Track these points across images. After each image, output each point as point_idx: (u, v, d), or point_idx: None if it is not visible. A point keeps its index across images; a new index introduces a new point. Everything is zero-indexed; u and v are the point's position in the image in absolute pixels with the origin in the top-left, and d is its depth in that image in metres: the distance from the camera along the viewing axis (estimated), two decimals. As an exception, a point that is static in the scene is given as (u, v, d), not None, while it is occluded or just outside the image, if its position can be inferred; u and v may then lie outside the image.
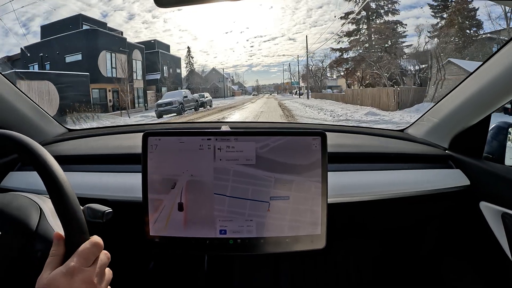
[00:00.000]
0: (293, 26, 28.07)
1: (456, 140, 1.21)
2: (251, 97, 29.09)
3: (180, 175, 0.80)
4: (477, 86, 1.05)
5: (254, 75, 36.70)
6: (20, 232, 0.69)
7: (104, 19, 20.12)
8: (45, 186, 0.64)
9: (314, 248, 0.82)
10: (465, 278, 1.28)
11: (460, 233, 1.28)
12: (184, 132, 0.81)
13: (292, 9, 27.79)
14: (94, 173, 1.14)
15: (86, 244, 0.60)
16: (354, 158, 1.20)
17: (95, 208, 0.75)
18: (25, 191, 0.83)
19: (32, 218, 0.72)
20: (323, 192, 0.81)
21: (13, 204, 0.73)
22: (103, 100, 17.45)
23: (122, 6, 23.24)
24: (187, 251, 0.82)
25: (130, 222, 0.96)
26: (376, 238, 1.37)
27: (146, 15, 24.55)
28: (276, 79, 31.50)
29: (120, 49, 18.42)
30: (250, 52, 31.07)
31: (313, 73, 23.41)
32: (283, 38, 29.33)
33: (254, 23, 34.50)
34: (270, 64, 34.31)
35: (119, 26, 23.18)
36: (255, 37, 30.22)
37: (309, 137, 0.81)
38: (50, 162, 0.66)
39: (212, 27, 33.29)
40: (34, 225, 0.71)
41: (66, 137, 1.41)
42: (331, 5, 25.39)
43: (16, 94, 1.22)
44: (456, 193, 1.14)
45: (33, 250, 0.68)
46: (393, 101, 14.09)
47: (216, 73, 28.45)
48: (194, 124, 2.75)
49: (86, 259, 0.58)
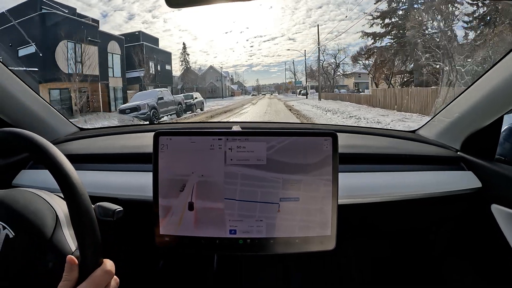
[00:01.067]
0: (293, 26, 28.58)
1: (468, 141, 1.20)
2: (251, 98, 28.28)
3: (191, 175, 0.80)
4: (489, 87, 1.03)
5: (254, 75, 36.70)
6: (34, 239, 0.69)
7: (104, 19, 19.63)
8: (58, 185, 0.65)
9: (324, 249, 0.82)
10: (475, 282, 1.26)
11: (471, 236, 1.26)
12: (195, 132, 0.81)
13: (292, 9, 28.05)
14: (105, 172, 1.16)
15: (98, 271, 0.61)
16: (364, 159, 1.19)
17: (106, 206, 0.76)
18: (36, 189, 0.84)
19: (48, 225, 0.71)
20: (334, 193, 0.80)
21: (30, 208, 0.72)
22: (66, 102, 13.99)
23: (122, 6, 23.22)
24: (197, 250, 0.83)
25: (140, 221, 0.97)
26: (386, 240, 1.36)
27: (146, 15, 24.74)
28: (277, 79, 31.53)
29: (89, 40, 14.76)
30: (250, 52, 31.28)
31: (324, 69, 21.61)
32: (283, 38, 29.55)
33: (254, 23, 35.10)
34: (270, 64, 34.44)
35: (119, 26, 23.25)
36: (255, 37, 30.43)
37: (320, 138, 0.80)
38: (61, 161, 0.66)
39: (212, 27, 33.57)
40: (49, 234, 0.70)
41: (78, 136, 1.43)
42: (331, 5, 25.21)
43: (29, 93, 1.24)
44: (467, 195, 1.12)
45: (45, 260, 0.68)
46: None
47: (214, 71, 27.56)
48: (205, 124, 2.76)
49: (97, 286, 0.59)
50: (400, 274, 1.38)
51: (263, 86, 31.51)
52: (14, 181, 1.17)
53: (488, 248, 1.19)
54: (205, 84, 25.85)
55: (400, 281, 1.37)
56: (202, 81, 25.83)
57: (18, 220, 0.69)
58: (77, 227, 0.65)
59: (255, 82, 31.44)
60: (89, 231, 0.65)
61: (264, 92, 31.30)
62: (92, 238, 0.66)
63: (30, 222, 0.70)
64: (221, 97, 26.99)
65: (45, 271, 0.67)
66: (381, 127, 6.43)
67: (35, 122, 1.27)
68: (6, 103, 1.16)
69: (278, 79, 31.08)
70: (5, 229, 0.67)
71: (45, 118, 1.32)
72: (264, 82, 31.64)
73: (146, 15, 24.72)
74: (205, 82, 26.21)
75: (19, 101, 1.19)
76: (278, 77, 35.30)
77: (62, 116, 1.43)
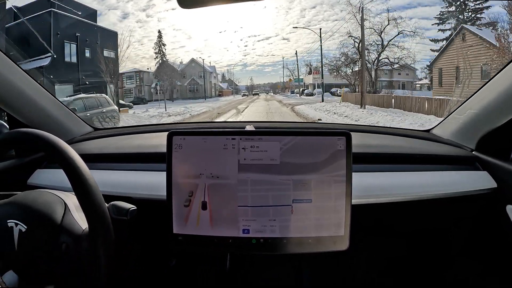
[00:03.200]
0: (287, 26, 28.00)
1: (483, 141, 1.17)
2: (241, 99, 24.73)
3: (204, 174, 0.81)
4: (505, 85, 1.01)
5: (248, 75, 36.05)
6: (45, 226, 0.72)
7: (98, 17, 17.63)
8: (71, 183, 0.67)
9: (337, 250, 0.82)
10: (490, 282, 1.24)
11: (486, 236, 1.24)
12: (209, 132, 0.81)
13: (286, 9, 27.83)
14: (119, 171, 1.17)
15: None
16: (378, 159, 1.18)
17: (120, 205, 0.77)
18: (51, 188, 0.86)
19: (57, 212, 0.74)
20: (347, 193, 0.80)
21: (38, 200, 0.76)
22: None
23: (116, 5, 22.74)
24: (210, 249, 0.83)
25: (153, 219, 0.98)
26: (400, 241, 1.34)
27: (140, 14, 24.01)
28: (271, 79, 30.86)
29: None
30: (244, 51, 30.93)
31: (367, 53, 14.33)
32: (277, 37, 29.56)
33: (248, 23, 34.57)
34: (264, 64, 33.92)
35: (113, 25, 21.92)
36: (249, 36, 30.14)
37: (334, 137, 0.80)
38: (75, 160, 0.68)
39: (206, 26, 33.13)
40: (59, 219, 0.73)
41: (92, 136, 1.45)
42: (324, 5, 24.59)
43: (44, 94, 1.26)
44: (482, 195, 1.10)
45: (58, 243, 0.71)
46: None
47: (197, 65, 23.43)
48: (218, 124, 2.77)
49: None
50: (414, 275, 1.37)
51: (258, 85, 30.46)
52: (29, 180, 1.19)
53: (504, 249, 1.17)
54: (185, 82, 22.56)
55: (414, 282, 1.36)
56: (181, 77, 22.40)
57: (29, 214, 0.72)
58: (90, 224, 0.67)
59: (249, 81, 30.25)
60: (103, 228, 0.67)
61: (257, 91, 29.77)
62: (105, 235, 0.67)
63: (40, 212, 0.73)
64: (203, 98, 22.71)
65: (60, 253, 0.70)
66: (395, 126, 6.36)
67: (50, 122, 1.29)
68: (22, 104, 1.18)
69: (273, 79, 30.57)
70: (18, 225, 0.70)
71: (60, 119, 1.35)
72: (258, 81, 30.83)
73: (140, 14, 24.36)
74: (185, 79, 22.74)
75: (34, 102, 1.21)
76: (272, 76, 35.08)
77: (76, 116, 1.45)
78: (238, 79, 30.01)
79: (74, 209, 0.78)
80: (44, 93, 1.25)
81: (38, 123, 1.23)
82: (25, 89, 1.16)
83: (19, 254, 0.70)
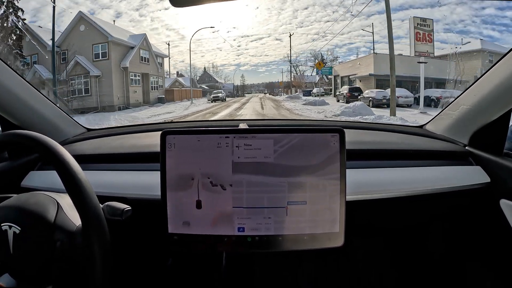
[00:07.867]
0: (280, 27, 27.96)
1: (476, 136, 1.19)
2: (196, 110, 14.60)
3: (198, 173, 0.81)
4: (497, 81, 1.02)
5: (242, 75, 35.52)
6: (39, 225, 0.72)
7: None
8: (64, 185, 0.67)
9: (332, 246, 0.82)
10: (484, 277, 1.25)
11: (480, 231, 1.25)
12: (202, 131, 0.81)
13: (278, 10, 27.76)
14: (113, 172, 1.16)
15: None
16: (372, 155, 1.19)
17: (114, 206, 0.77)
18: (45, 190, 0.85)
19: (50, 211, 0.74)
20: (342, 190, 0.80)
21: (31, 201, 0.76)
22: None
23: (109, 5, 22.36)
24: (205, 248, 0.83)
25: (148, 219, 0.97)
26: (394, 236, 1.35)
27: (133, 14, 23.87)
28: (264, 79, 30.11)
29: None
30: (237, 51, 30.66)
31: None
32: (269, 38, 29.10)
33: (241, 23, 34.25)
34: (257, 64, 33.31)
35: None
36: (242, 36, 29.64)
37: (327, 134, 0.80)
38: (69, 161, 0.68)
39: (199, 26, 32.64)
40: (52, 218, 0.73)
41: (85, 137, 1.44)
42: (317, 7, 24.59)
43: (36, 96, 1.25)
44: (476, 190, 1.11)
45: (52, 241, 0.71)
46: None
47: (91, 30, 12.59)
48: (211, 123, 2.76)
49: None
50: (409, 268, 1.38)
51: (251, 85, 28.54)
52: (23, 183, 1.18)
53: (497, 243, 1.18)
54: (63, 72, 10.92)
55: (409, 276, 1.37)
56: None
57: (22, 215, 0.72)
58: (85, 225, 0.67)
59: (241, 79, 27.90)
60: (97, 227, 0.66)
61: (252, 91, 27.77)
62: (100, 236, 0.67)
63: (33, 212, 0.73)
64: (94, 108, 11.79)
65: (55, 251, 0.71)
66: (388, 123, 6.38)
67: (43, 123, 1.28)
68: (13, 106, 1.17)
69: (266, 79, 29.62)
70: (12, 228, 0.70)
71: (53, 120, 1.33)
72: (252, 81, 29.23)
73: (134, 13, 24.28)
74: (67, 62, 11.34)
75: (26, 103, 1.20)
76: (266, 76, 34.73)
77: (69, 117, 1.44)
78: (227, 77, 27.75)
79: (67, 208, 0.77)
80: (35, 94, 1.24)
81: (30, 125, 1.22)
82: (16, 90, 1.15)
83: (15, 257, 0.70)
